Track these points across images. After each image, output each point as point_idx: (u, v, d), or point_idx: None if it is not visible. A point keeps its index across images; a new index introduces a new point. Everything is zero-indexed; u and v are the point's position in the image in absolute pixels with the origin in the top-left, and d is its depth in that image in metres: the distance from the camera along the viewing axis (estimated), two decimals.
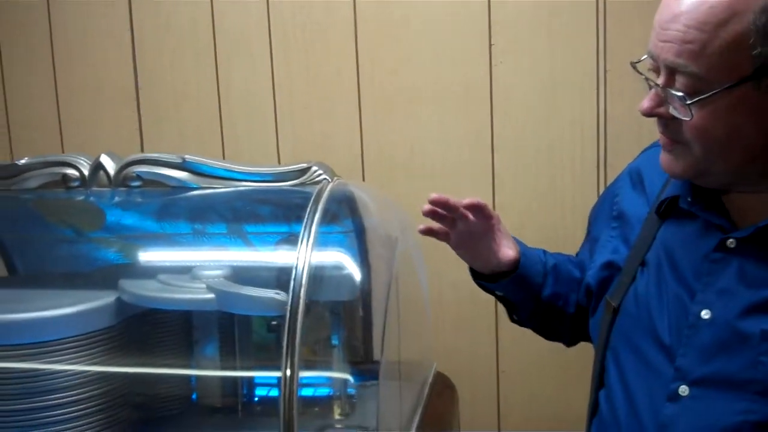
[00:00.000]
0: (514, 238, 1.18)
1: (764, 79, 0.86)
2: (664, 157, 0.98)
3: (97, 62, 2.09)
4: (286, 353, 1.04)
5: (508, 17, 1.90)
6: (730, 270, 0.94)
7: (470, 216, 1.09)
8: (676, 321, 0.97)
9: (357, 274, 1.35)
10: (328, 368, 1.40)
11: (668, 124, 0.94)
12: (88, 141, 2.09)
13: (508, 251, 1.14)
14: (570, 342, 1.29)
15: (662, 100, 0.92)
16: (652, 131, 1.81)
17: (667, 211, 1.04)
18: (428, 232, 1.11)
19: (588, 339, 1.24)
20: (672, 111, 0.91)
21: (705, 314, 0.94)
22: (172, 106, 2.07)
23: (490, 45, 1.91)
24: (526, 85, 1.91)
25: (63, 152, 2.00)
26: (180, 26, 2.04)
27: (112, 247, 1.46)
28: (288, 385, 1.03)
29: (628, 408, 1.01)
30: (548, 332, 1.28)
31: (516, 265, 1.15)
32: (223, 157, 2.02)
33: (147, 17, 2.05)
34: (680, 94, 0.88)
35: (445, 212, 1.08)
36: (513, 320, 1.26)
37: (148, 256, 1.46)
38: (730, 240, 0.94)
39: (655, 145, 1.15)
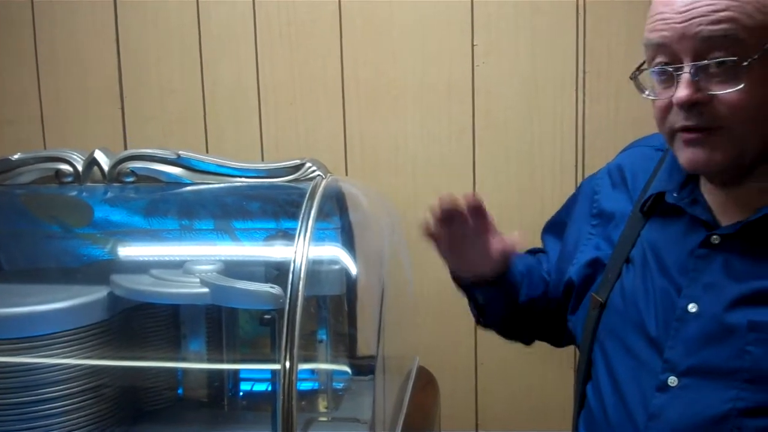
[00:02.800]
0: None
1: None
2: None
3: (81, 59, 2.07)
4: (286, 345, 1.06)
5: (490, 19, 1.93)
6: (715, 265, 0.96)
7: (469, 218, 1.09)
8: (664, 315, 0.98)
9: (347, 269, 1.37)
10: (319, 361, 1.42)
11: (703, 111, 0.91)
12: (70, 137, 2.08)
13: (503, 255, 1.13)
14: (529, 341, 1.30)
15: (697, 85, 0.91)
16: (628, 130, 1.89)
17: (651, 209, 1.06)
18: (430, 232, 1.09)
19: (547, 338, 1.27)
20: (714, 90, 0.90)
21: (692, 308, 0.96)
22: (156, 102, 2.06)
23: (473, 45, 1.94)
24: (507, 85, 1.95)
25: (45, 149, 2.00)
26: (166, 22, 2.03)
27: (105, 242, 1.46)
28: (288, 376, 1.05)
29: (616, 400, 1.02)
30: (510, 333, 1.28)
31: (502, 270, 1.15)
32: (207, 153, 2.03)
33: (132, 13, 2.04)
34: (731, 58, 0.87)
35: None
36: (479, 323, 1.26)
37: (142, 251, 1.47)
38: (715, 236, 0.96)
39: (635, 145, 1.18)
